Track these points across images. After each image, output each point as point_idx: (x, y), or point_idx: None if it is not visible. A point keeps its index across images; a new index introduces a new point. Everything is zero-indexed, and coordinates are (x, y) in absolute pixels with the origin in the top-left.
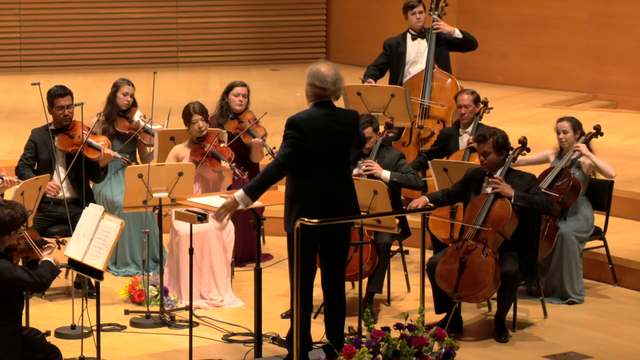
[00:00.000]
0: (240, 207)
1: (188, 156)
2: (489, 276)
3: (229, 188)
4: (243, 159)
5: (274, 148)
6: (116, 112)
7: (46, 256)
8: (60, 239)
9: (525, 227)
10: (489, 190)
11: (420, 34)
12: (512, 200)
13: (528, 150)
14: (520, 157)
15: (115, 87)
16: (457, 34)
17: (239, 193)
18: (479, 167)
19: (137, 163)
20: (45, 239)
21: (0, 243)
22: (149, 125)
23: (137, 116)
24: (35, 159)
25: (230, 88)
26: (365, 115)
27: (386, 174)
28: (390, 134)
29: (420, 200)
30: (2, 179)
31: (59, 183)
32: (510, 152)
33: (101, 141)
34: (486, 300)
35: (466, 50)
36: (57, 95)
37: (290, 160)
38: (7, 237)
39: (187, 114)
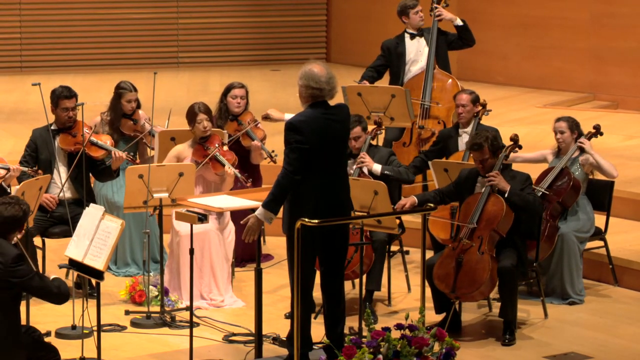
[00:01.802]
0: (265, 222)
1: (190, 157)
2: (485, 273)
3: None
4: (243, 161)
5: (273, 151)
6: (119, 118)
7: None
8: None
9: (520, 223)
10: (482, 189)
11: (418, 33)
12: (507, 195)
13: (520, 147)
14: (515, 154)
15: (119, 95)
16: (458, 22)
17: (259, 211)
18: (473, 168)
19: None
20: None
21: (10, 239)
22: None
23: (142, 119)
24: (35, 160)
25: (228, 90)
26: (353, 115)
27: (377, 167)
28: (379, 132)
29: (408, 200)
30: (8, 169)
31: (55, 195)
32: (503, 150)
33: (103, 139)
34: (484, 298)
35: (465, 43)
36: (62, 97)
37: (299, 165)
38: (17, 232)
39: (192, 114)
